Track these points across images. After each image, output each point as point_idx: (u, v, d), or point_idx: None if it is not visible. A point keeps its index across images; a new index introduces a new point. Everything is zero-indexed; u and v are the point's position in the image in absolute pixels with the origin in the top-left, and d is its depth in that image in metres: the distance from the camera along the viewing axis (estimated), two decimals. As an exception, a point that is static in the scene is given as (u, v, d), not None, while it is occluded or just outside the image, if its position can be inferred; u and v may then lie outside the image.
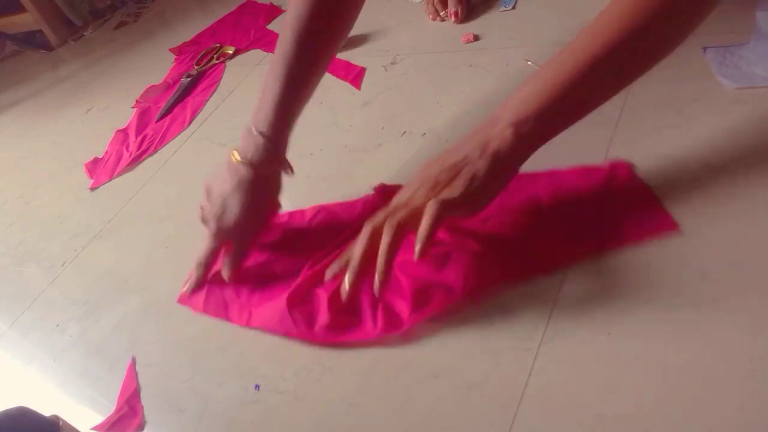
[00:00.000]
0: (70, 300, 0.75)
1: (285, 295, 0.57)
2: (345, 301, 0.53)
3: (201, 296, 0.64)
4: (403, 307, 0.53)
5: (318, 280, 0.58)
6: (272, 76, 0.61)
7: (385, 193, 0.65)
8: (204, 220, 0.63)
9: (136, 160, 0.98)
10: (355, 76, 0.90)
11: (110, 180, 0.97)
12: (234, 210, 0.60)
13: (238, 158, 0.60)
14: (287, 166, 0.63)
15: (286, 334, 0.56)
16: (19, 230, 0.96)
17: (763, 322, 0.41)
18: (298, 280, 0.58)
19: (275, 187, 0.64)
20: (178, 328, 0.64)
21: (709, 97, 0.58)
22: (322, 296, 0.56)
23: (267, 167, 0.61)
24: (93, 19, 1.78)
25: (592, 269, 0.50)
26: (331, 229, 0.65)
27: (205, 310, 0.63)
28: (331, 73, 0.94)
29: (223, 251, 0.64)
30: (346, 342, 0.54)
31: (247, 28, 1.24)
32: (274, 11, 1.25)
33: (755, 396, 0.38)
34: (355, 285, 0.51)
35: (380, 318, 0.53)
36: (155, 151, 0.99)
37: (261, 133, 0.60)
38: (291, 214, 0.70)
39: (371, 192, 0.67)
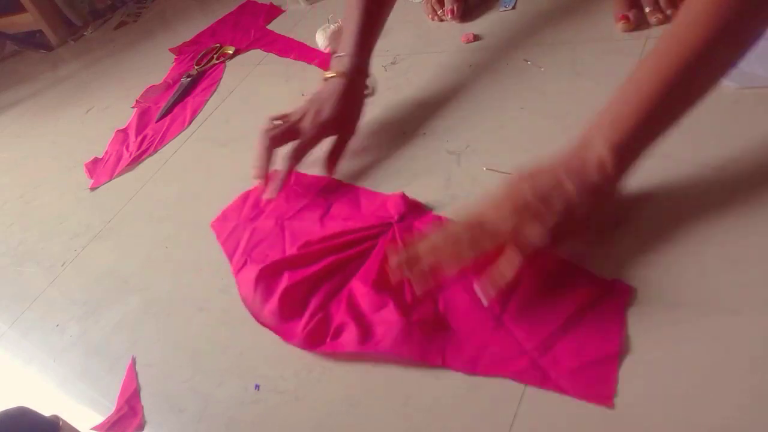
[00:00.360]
0: (70, 300, 0.75)
1: (262, 265, 0.60)
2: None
3: (228, 227, 0.72)
4: (330, 330, 0.54)
5: (294, 264, 0.60)
6: (349, 17, 0.74)
7: (399, 204, 0.62)
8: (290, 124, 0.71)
9: (136, 160, 0.98)
10: None
11: (110, 180, 0.97)
12: (329, 109, 0.70)
13: (329, 74, 0.73)
14: (370, 80, 0.76)
15: (244, 304, 0.61)
16: (19, 230, 0.96)
17: (763, 321, 0.41)
18: (281, 257, 0.62)
19: (362, 95, 0.75)
20: (178, 328, 0.64)
21: (709, 97, 0.58)
22: (282, 283, 0.58)
23: (354, 77, 0.72)
24: (93, 19, 1.78)
25: (590, 270, 0.50)
26: (346, 215, 0.66)
27: (224, 243, 0.70)
28: None
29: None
30: (279, 336, 0.56)
31: (247, 28, 1.24)
32: (274, 11, 1.25)
33: (755, 396, 0.38)
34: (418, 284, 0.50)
35: (310, 327, 0.54)
36: (155, 151, 0.99)
37: (346, 53, 0.72)
38: (330, 180, 0.72)
39: (395, 192, 0.65)
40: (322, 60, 0.99)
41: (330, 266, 0.58)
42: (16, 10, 1.72)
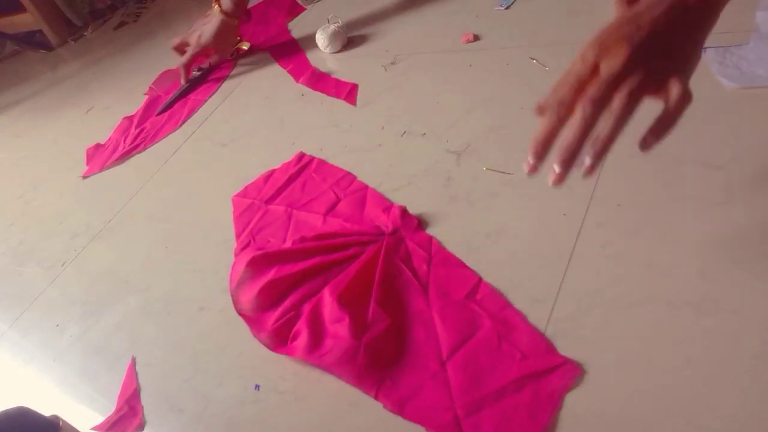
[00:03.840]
0: (70, 300, 0.75)
1: (255, 253, 0.61)
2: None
3: (244, 204, 0.75)
4: (291, 332, 0.54)
5: (284, 258, 0.60)
6: None
7: (396, 218, 0.61)
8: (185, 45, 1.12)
9: (126, 155, 0.99)
10: (348, 92, 0.87)
11: (100, 171, 0.97)
12: (207, 34, 1.08)
13: (216, 8, 1.06)
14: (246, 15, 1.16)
15: (229, 287, 0.63)
16: (19, 230, 0.96)
17: (763, 322, 0.41)
18: (279, 246, 0.63)
19: (236, 28, 1.11)
20: (178, 328, 0.64)
21: (709, 97, 0.58)
22: (268, 275, 0.59)
23: (232, 14, 1.07)
24: (93, 19, 1.78)
25: (591, 270, 0.50)
26: (348, 215, 0.66)
27: (236, 219, 0.73)
28: (322, 92, 0.90)
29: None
30: (249, 327, 0.57)
31: (269, 22, 1.21)
32: (296, 9, 1.22)
33: (755, 395, 0.38)
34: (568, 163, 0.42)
35: (278, 325, 0.55)
36: (144, 148, 0.99)
37: None
38: (346, 174, 0.72)
39: (399, 202, 0.64)
40: (306, 78, 0.96)
41: (314, 267, 0.59)
42: (16, 10, 1.72)
